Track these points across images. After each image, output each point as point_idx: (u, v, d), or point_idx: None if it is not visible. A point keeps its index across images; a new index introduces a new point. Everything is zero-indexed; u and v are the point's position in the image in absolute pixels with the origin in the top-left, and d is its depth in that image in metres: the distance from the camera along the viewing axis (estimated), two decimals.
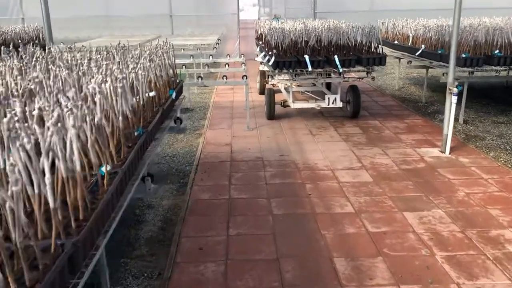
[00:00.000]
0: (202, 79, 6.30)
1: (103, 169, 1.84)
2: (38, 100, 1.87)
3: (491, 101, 7.75)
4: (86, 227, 1.44)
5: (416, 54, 7.07)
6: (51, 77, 2.52)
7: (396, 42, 8.29)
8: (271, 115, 6.76)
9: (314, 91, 7.59)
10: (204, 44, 9.21)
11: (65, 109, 1.70)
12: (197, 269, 3.03)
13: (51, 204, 1.35)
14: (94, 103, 2.09)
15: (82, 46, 4.89)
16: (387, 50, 7.89)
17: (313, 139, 5.87)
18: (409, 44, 7.65)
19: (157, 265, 3.14)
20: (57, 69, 2.62)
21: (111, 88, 2.12)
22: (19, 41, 7.49)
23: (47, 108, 1.69)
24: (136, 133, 2.43)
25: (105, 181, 1.82)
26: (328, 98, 6.39)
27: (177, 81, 4.19)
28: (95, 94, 1.95)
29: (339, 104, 6.45)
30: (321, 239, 3.37)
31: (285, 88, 7.25)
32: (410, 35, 7.65)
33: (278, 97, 6.93)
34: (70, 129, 1.49)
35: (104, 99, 2.02)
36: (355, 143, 5.65)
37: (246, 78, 6.21)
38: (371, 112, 7.22)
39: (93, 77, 2.39)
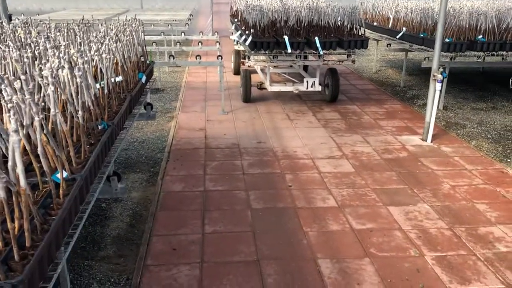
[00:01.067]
0: (174, 58, 5.91)
1: (58, 175, 1.52)
2: None
3: (468, 86, 7.66)
4: (32, 262, 1.14)
5: (397, 36, 6.86)
6: None
7: (375, 23, 8.06)
8: (247, 98, 6.45)
9: (291, 73, 7.31)
10: (175, 20, 8.75)
11: (8, 105, 1.36)
12: (169, 274, 2.76)
13: None
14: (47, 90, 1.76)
15: (40, 21, 4.42)
16: (366, 32, 7.66)
17: (291, 125, 5.61)
18: (389, 27, 7.43)
19: (125, 268, 2.85)
20: (6, 49, 2.24)
21: (69, 76, 1.78)
22: None
23: None
24: (99, 127, 2.10)
25: (60, 191, 1.50)
26: (307, 81, 6.13)
27: (147, 62, 3.82)
28: (49, 84, 1.61)
29: (318, 88, 6.20)
30: (303, 237, 3.15)
31: (262, 70, 6.94)
32: (391, 16, 7.42)
33: (254, 78, 6.61)
34: (12, 135, 1.17)
35: (60, 89, 1.69)
36: (335, 130, 5.43)
37: (221, 58, 5.86)
38: (349, 96, 7.01)
39: (47, 61, 2.03)
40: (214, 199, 3.69)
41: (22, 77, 1.74)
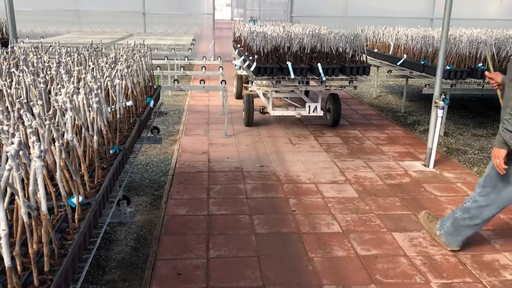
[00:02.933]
0: (178, 82, 5.97)
1: (74, 200, 1.54)
2: None
3: (468, 112, 7.74)
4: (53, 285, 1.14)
5: (398, 63, 6.96)
6: (13, 84, 2.18)
7: (376, 50, 8.19)
8: (250, 122, 6.50)
9: (292, 98, 7.39)
10: (178, 45, 8.87)
11: (29, 130, 1.39)
12: None
13: (7, 263, 1.05)
14: (63, 116, 1.79)
15: (50, 46, 4.49)
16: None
17: (293, 149, 5.64)
18: (390, 53, 7.54)
19: None
20: (21, 74, 2.28)
21: (84, 101, 1.82)
22: None
23: (5, 128, 1.38)
24: (111, 151, 2.13)
25: (76, 216, 1.52)
26: (309, 106, 6.19)
27: (155, 86, 3.87)
28: (66, 109, 1.65)
29: (320, 112, 6.26)
30: (308, 263, 3.14)
31: (264, 94, 7.02)
32: (391, 43, 7.54)
33: (256, 102, 6.68)
34: (36, 160, 1.20)
35: (76, 115, 1.72)
36: (337, 154, 5.46)
37: (225, 83, 5.93)
38: (351, 121, 7.07)
39: (63, 86, 2.07)
40: (218, 223, 3.68)
41: (39, 102, 1.77)
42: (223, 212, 3.89)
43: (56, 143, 1.39)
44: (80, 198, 1.56)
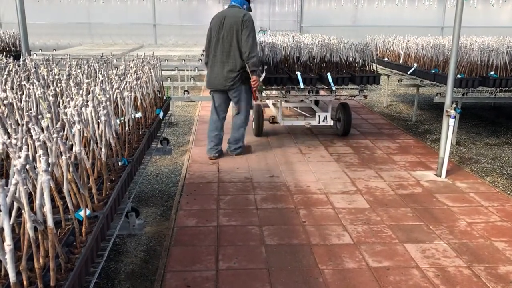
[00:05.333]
0: (188, 93, 6.00)
1: (81, 213, 1.54)
2: (3, 133, 1.56)
3: (480, 121, 7.66)
4: None
5: (409, 72, 6.92)
6: (24, 97, 2.20)
7: (386, 59, 8.16)
8: (260, 132, 6.49)
9: (302, 107, 7.38)
10: (189, 56, 8.93)
11: (37, 144, 1.40)
12: None
13: (11, 278, 1.05)
14: (71, 128, 1.80)
15: (61, 58, 4.55)
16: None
17: (303, 159, 5.62)
18: (400, 62, 7.51)
19: None
20: (31, 86, 2.30)
21: (93, 114, 1.82)
22: None
23: (13, 142, 1.38)
24: (120, 163, 2.13)
25: (83, 229, 1.51)
26: (319, 116, 6.17)
27: (164, 97, 3.89)
28: (74, 122, 1.65)
29: (330, 122, 6.23)
30: (319, 275, 3.10)
31: (274, 104, 7.01)
32: (402, 52, 7.51)
33: (265, 112, 6.68)
34: (42, 174, 1.20)
35: (84, 127, 1.72)
36: (348, 164, 5.42)
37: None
38: (361, 130, 7.03)
39: (72, 99, 2.08)
40: (228, 235, 3.66)
41: (48, 115, 1.78)
42: (233, 223, 3.87)
43: (64, 157, 1.39)
44: (88, 212, 1.56)
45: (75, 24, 13.40)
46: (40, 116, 1.82)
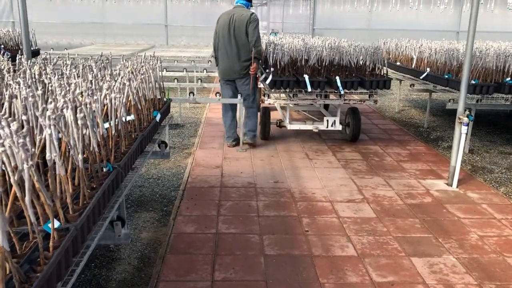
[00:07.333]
0: (194, 95, 5.89)
1: (50, 225, 1.42)
2: None
3: (495, 128, 7.41)
4: None
5: (421, 77, 6.72)
6: (7, 97, 2.09)
7: (398, 63, 7.96)
8: (266, 136, 6.35)
9: (311, 111, 7.22)
10: (198, 57, 8.83)
11: (0, 149, 1.27)
12: None
13: None
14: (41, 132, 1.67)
15: (59, 57, 4.46)
16: (389, 71, 7.57)
17: (310, 164, 5.46)
18: (413, 67, 7.31)
19: None
20: (16, 86, 2.19)
21: (71, 117, 1.70)
22: (1, 45, 7.05)
23: None
24: (105, 169, 2.01)
25: (50, 243, 1.39)
26: (327, 120, 6.00)
27: (164, 99, 3.77)
28: (49, 125, 1.53)
29: (339, 127, 6.06)
30: None
31: (281, 107, 6.87)
32: (414, 57, 7.31)
33: (272, 115, 6.53)
34: None
35: (61, 131, 1.60)
36: (355, 171, 5.25)
37: (241, 96, 5.81)
38: (371, 136, 6.84)
39: (54, 100, 1.96)
40: (227, 243, 3.53)
41: (24, 117, 1.67)
42: (232, 230, 3.73)
43: (25, 165, 1.27)
44: (57, 223, 1.44)
45: (88, 23, 13.39)
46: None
